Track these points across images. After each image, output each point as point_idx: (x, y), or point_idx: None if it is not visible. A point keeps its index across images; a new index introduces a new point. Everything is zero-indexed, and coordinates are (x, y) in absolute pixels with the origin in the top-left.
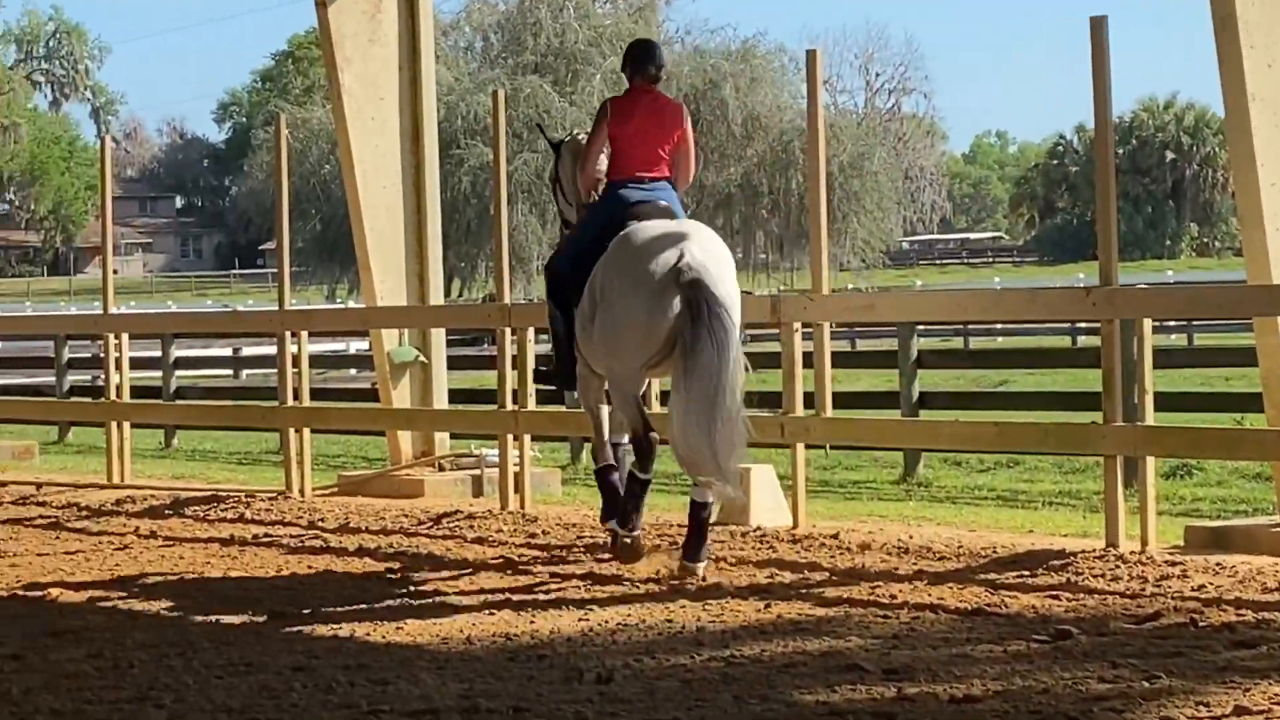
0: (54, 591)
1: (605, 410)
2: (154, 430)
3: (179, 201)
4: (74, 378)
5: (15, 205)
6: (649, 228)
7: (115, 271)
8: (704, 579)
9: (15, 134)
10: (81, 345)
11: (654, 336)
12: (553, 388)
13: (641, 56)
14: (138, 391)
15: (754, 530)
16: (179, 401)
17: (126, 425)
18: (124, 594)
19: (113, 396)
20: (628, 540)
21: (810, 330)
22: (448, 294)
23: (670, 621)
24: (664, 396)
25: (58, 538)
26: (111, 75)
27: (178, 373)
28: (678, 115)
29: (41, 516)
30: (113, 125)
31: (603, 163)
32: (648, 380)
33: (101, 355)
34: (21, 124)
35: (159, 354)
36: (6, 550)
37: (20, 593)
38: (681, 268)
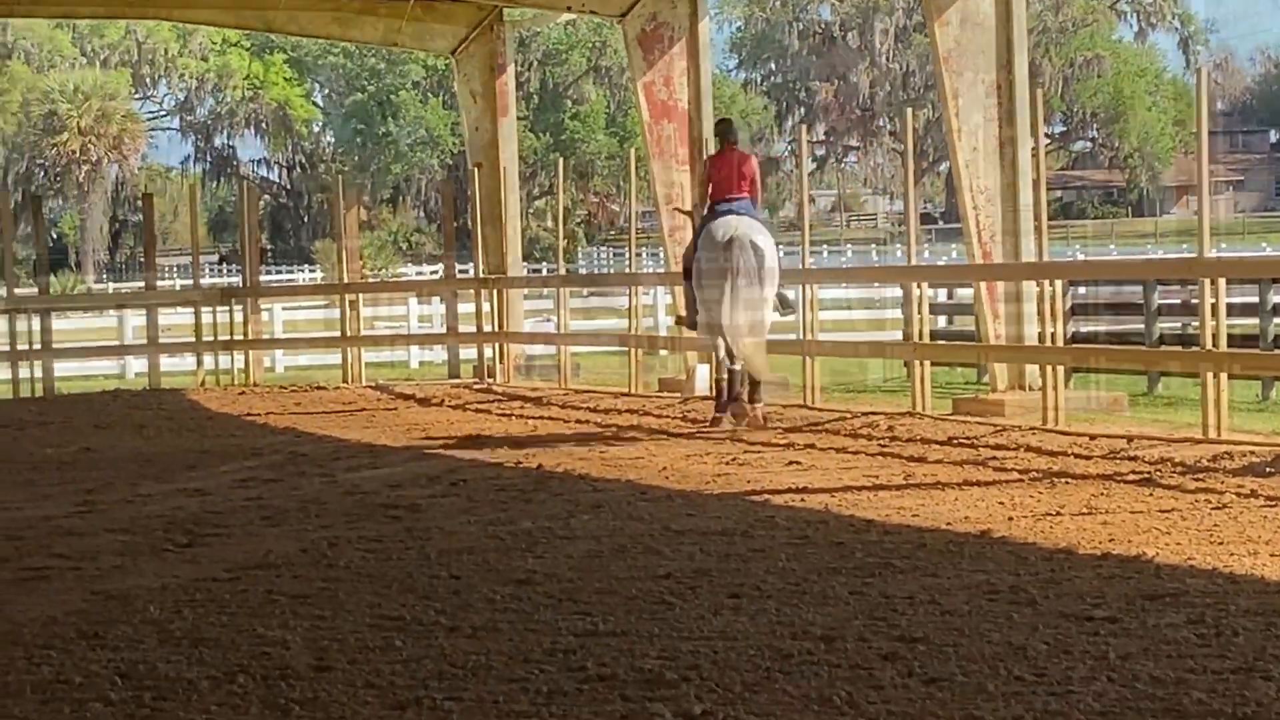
0: (1150, 551)
1: (722, 343)
2: (1249, 382)
3: (1273, 136)
4: (1163, 325)
5: (1098, 143)
6: (719, 222)
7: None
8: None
9: (1099, 67)
10: (1169, 291)
11: (719, 279)
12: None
13: (724, 132)
14: (1234, 340)
15: None
16: None
17: (1224, 376)
18: (1224, 557)
19: (1208, 345)
20: (723, 414)
21: None
22: None
23: None
24: None
25: (1150, 494)
26: (1202, 2)
27: (1276, 319)
28: (748, 161)
29: (1133, 472)
30: (1201, 56)
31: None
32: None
33: (1193, 301)
34: (1105, 57)
35: (1255, 299)
36: (1098, 507)
37: (1114, 551)
38: (729, 235)
